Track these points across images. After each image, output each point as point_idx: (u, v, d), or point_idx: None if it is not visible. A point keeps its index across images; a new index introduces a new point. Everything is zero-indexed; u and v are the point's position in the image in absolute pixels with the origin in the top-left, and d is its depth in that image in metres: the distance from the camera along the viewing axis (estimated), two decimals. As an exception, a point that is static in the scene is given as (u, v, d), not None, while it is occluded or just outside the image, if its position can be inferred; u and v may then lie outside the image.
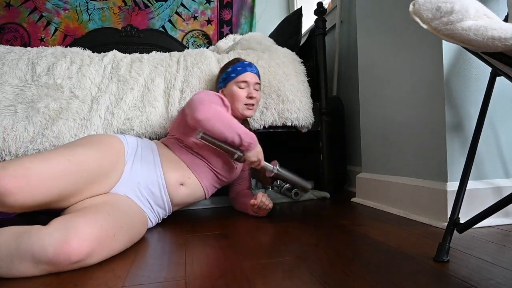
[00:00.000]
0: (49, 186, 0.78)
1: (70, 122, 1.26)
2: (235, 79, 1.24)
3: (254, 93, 1.24)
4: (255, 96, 1.24)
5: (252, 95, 1.23)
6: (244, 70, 1.25)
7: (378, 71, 1.34)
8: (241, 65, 1.27)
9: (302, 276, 0.65)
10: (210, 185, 1.17)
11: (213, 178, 1.16)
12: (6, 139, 1.20)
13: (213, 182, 1.17)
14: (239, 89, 1.24)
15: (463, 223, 0.73)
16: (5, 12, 2.51)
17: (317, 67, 1.67)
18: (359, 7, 1.48)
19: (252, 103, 1.24)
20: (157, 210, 1.06)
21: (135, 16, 2.69)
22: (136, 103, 1.36)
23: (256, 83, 1.26)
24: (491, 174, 1.04)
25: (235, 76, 1.25)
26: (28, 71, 1.32)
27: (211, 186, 1.18)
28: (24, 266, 0.67)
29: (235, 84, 1.24)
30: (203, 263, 0.75)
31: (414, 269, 0.67)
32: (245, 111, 1.24)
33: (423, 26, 0.56)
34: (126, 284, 0.65)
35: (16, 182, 0.73)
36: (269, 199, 1.18)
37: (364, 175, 1.43)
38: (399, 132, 1.22)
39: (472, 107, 1.02)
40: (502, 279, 0.61)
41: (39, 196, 0.77)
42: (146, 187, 1.02)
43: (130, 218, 0.89)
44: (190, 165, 1.11)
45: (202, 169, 1.13)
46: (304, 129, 1.55)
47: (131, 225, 0.87)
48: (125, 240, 0.82)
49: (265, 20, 2.85)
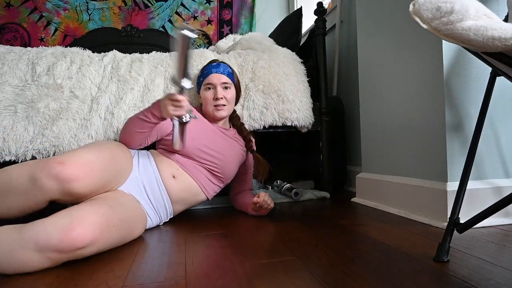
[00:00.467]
0: (100, 177, 0.87)
1: (70, 122, 1.26)
2: (203, 83, 1.27)
3: (220, 93, 1.23)
4: (220, 97, 1.23)
5: (217, 96, 1.23)
6: (209, 73, 1.27)
7: (378, 71, 1.34)
8: (208, 67, 1.29)
9: (302, 276, 0.65)
10: (206, 179, 1.16)
11: (206, 172, 1.16)
12: (6, 139, 1.20)
13: (209, 177, 1.16)
14: (206, 92, 1.26)
15: (463, 223, 0.73)
16: (5, 12, 2.51)
17: (317, 67, 1.67)
18: (359, 7, 1.48)
19: (220, 103, 1.23)
20: (157, 207, 1.07)
21: (135, 16, 2.69)
22: (136, 103, 1.36)
23: (223, 82, 1.25)
24: (491, 174, 1.04)
25: (203, 80, 1.28)
26: (28, 71, 1.32)
27: (208, 182, 1.16)
28: (27, 255, 0.69)
29: (203, 87, 1.27)
30: (203, 263, 0.75)
31: (414, 269, 0.67)
32: (215, 113, 1.24)
33: (423, 26, 0.56)
34: (126, 284, 0.65)
35: (80, 170, 0.81)
36: (270, 198, 1.18)
37: (364, 175, 1.43)
38: (399, 132, 1.22)
39: (472, 107, 1.02)
40: (502, 279, 0.61)
41: (92, 185, 0.85)
42: (147, 184, 1.05)
43: (129, 213, 0.91)
44: (177, 162, 1.13)
45: (191, 165, 1.14)
46: (304, 129, 1.55)
47: (129, 219, 0.90)
48: (121, 233, 0.85)
49: (265, 20, 2.85)
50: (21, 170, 0.81)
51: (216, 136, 1.23)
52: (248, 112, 1.45)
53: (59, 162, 0.80)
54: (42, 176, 0.78)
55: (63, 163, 0.80)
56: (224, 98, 1.24)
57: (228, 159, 1.21)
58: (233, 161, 1.24)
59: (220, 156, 1.18)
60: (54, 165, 0.79)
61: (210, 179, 1.17)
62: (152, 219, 1.07)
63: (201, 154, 1.15)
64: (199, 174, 1.14)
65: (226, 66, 1.31)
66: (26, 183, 0.79)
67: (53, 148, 1.22)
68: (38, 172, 0.79)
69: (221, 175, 1.19)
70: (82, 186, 0.82)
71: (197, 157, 1.14)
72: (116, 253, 0.84)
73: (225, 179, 1.22)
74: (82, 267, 0.74)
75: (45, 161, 0.82)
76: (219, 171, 1.18)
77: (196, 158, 1.14)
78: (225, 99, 1.24)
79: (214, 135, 1.23)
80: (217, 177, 1.19)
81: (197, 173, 1.14)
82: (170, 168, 1.10)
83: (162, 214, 1.09)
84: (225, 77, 1.27)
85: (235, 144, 1.27)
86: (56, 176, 0.79)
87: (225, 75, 1.27)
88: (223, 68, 1.28)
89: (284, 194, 1.57)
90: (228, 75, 1.28)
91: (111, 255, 0.82)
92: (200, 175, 1.14)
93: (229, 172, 1.23)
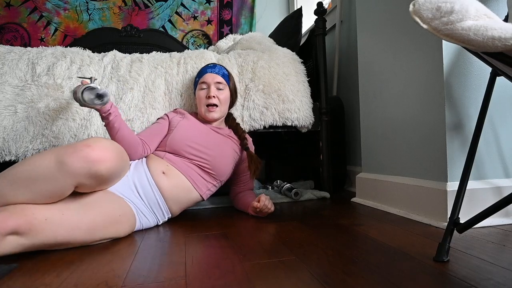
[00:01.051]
0: (119, 163, 0.91)
1: (70, 122, 1.27)
2: (198, 83, 1.29)
3: (212, 92, 1.24)
4: (213, 95, 1.24)
5: (210, 95, 1.23)
6: (204, 72, 1.28)
7: (378, 71, 1.34)
8: (204, 68, 1.31)
9: (302, 276, 0.65)
10: (197, 175, 1.15)
11: (196, 168, 1.16)
12: (6, 139, 1.20)
13: (199, 173, 1.16)
14: (200, 91, 1.27)
15: (463, 223, 0.73)
16: (5, 12, 2.51)
17: (317, 67, 1.67)
18: (359, 7, 1.48)
19: (212, 103, 1.24)
20: (150, 205, 1.07)
21: (135, 16, 2.69)
22: (138, 104, 1.36)
23: (217, 82, 1.26)
24: (491, 174, 1.04)
25: (198, 80, 1.30)
26: (28, 71, 1.32)
27: (199, 178, 1.15)
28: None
29: (198, 87, 1.29)
30: (203, 263, 0.75)
31: (414, 269, 0.67)
32: (207, 114, 1.25)
33: (423, 26, 0.56)
34: (126, 284, 0.65)
35: (105, 152, 0.86)
36: (271, 202, 1.18)
37: (364, 175, 1.43)
38: (399, 132, 1.22)
39: (472, 107, 1.02)
40: (502, 279, 0.61)
41: (114, 168, 0.89)
42: (138, 183, 1.06)
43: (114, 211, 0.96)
44: (166, 159, 1.14)
45: (180, 161, 1.15)
46: (304, 129, 1.55)
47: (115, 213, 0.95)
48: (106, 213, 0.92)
49: (265, 20, 2.85)
50: (48, 157, 0.83)
51: (207, 133, 1.24)
52: (249, 112, 1.45)
53: (85, 145, 0.84)
54: (71, 159, 0.81)
55: (90, 146, 0.84)
56: (216, 98, 1.24)
57: (218, 155, 1.20)
58: (225, 158, 1.23)
59: (209, 152, 1.18)
60: (82, 148, 0.83)
61: (201, 175, 1.16)
62: (149, 219, 1.07)
63: (190, 150, 1.16)
64: (189, 170, 1.14)
65: (222, 68, 1.32)
66: (54, 168, 0.81)
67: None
68: (67, 156, 0.81)
69: (212, 172, 1.18)
70: (107, 167, 0.86)
71: (186, 153, 1.15)
72: (116, 253, 0.84)
73: (217, 176, 1.20)
74: (82, 267, 0.75)
75: (72, 146, 0.84)
76: (210, 167, 1.17)
77: (186, 154, 1.15)
78: (217, 98, 1.25)
79: (205, 132, 1.24)
80: (208, 174, 1.18)
81: (187, 169, 1.14)
82: (160, 165, 1.11)
83: (157, 213, 1.09)
84: (219, 77, 1.28)
85: (228, 141, 1.27)
86: (84, 158, 0.82)
87: (219, 75, 1.28)
88: (218, 68, 1.29)
89: (284, 194, 1.57)
90: (223, 76, 1.29)
91: (111, 255, 0.82)
92: (191, 171, 1.14)
93: (221, 169, 1.21)
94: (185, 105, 1.42)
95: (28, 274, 0.71)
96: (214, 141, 1.23)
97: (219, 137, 1.26)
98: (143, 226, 1.06)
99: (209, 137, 1.23)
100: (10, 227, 0.74)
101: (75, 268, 0.74)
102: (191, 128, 1.23)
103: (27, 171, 0.82)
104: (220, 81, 1.27)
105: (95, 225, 0.88)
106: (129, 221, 1.00)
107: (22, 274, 0.71)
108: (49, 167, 0.81)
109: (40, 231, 0.78)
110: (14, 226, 0.74)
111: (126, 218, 0.98)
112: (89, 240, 0.89)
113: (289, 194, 1.53)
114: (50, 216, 0.80)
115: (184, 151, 1.16)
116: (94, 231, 0.89)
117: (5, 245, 0.74)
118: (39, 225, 0.78)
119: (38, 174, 0.81)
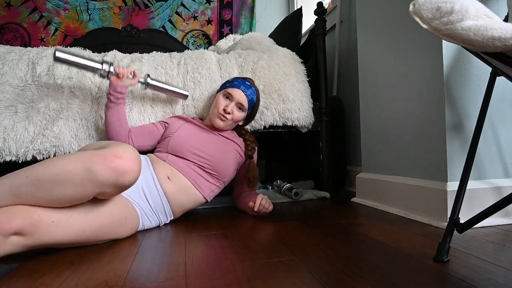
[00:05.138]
0: (139, 175, 0.89)
1: (71, 122, 1.27)
2: (226, 89, 1.30)
3: (230, 108, 1.25)
4: (230, 112, 1.25)
5: (227, 109, 1.25)
6: (236, 86, 1.29)
7: (378, 71, 1.34)
8: (239, 81, 1.31)
9: (302, 276, 0.65)
10: (200, 177, 1.16)
11: (199, 170, 1.16)
12: (7, 139, 1.20)
13: (203, 175, 1.16)
14: (222, 97, 1.28)
15: (463, 223, 0.73)
16: (5, 12, 2.51)
17: (317, 67, 1.67)
18: (359, 7, 1.48)
19: (225, 115, 1.25)
20: (156, 209, 1.08)
21: (135, 16, 2.69)
22: (137, 104, 1.36)
23: (240, 102, 1.27)
24: (491, 174, 1.04)
25: (228, 86, 1.30)
26: (29, 71, 1.32)
27: (202, 180, 1.16)
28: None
29: (223, 92, 1.29)
30: (203, 263, 0.75)
31: (414, 269, 0.67)
32: (215, 119, 1.26)
33: (423, 26, 0.56)
34: (126, 284, 0.65)
35: (134, 164, 0.85)
36: (269, 201, 1.18)
37: (364, 175, 1.43)
38: (399, 132, 1.22)
39: (472, 107, 1.02)
40: (502, 279, 0.61)
41: (133, 183, 0.88)
42: (146, 187, 1.06)
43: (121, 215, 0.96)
44: (170, 162, 1.15)
45: (183, 163, 1.15)
46: (304, 129, 1.55)
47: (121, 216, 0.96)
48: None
49: (265, 20, 2.85)
50: (75, 162, 0.80)
51: (208, 136, 1.26)
52: (249, 112, 1.45)
53: (116, 155, 0.82)
54: (100, 169, 0.79)
55: (121, 157, 0.82)
56: (231, 114, 1.26)
57: (219, 156, 1.20)
58: (227, 159, 1.23)
59: (210, 153, 1.19)
60: (112, 159, 0.81)
61: (204, 177, 1.17)
62: (152, 221, 1.08)
63: (191, 150, 1.17)
64: (192, 173, 1.15)
65: (254, 93, 1.33)
66: (80, 174, 0.78)
67: (54, 148, 1.22)
68: (95, 165, 0.79)
69: (215, 173, 1.19)
70: (133, 178, 0.85)
71: (187, 155, 1.16)
72: (116, 253, 0.84)
73: (220, 177, 1.21)
74: (82, 267, 0.75)
75: (101, 155, 0.82)
76: (212, 169, 1.18)
77: (187, 156, 1.16)
78: (231, 115, 1.26)
79: (206, 134, 1.26)
80: (210, 175, 1.19)
81: (190, 171, 1.15)
82: (165, 170, 1.12)
83: (161, 215, 1.10)
84: (246, 101, 1.29)
85: (230, 143, 1.27)
86: (114, 169, 0.81)
87: (247, 100, 1.29)
88: (250, 92, 1.30)
89: (284, 194, 1.57)
90: (249, 102, 1.30)
91: (111, 255, 0.82)
92: (194, 173, 1.15)
93: (224, 170, 1.21)
94: (185, 105, 1.41)
95: (28, 274, 0.71)
96: (215, 143, 1.24)
97: (221, 139, 1.27)
98: (145, 227, 1.07)
99: (209, 139, 1.24)
100: (14, 228, 0.73)
101: (75, 268, 0.74)
102: (192, 131, 1.25)
103: (54, 175, 0.78)
104: (243, 104, 1.28)
105: (102, 228, 0.88)
106: (133, 224, 1.00)
107: (22, 274, 0.71)
108: (77, 173, 0.78)
109: (46, 233, 0.78)
110: (19, 228, 0.74)
111: (130, 221, 0.99)
112: (92, 241, 0.89)
113: (289, 194, 1.53)
114: (57, 219, 0.79)
115: (186, 152, 1.16)
116: (100, 233, 0.89)
117: (7, 245, 0.74)
118: (45, 227, 0.77)
119: (66, 178, 0.78)
